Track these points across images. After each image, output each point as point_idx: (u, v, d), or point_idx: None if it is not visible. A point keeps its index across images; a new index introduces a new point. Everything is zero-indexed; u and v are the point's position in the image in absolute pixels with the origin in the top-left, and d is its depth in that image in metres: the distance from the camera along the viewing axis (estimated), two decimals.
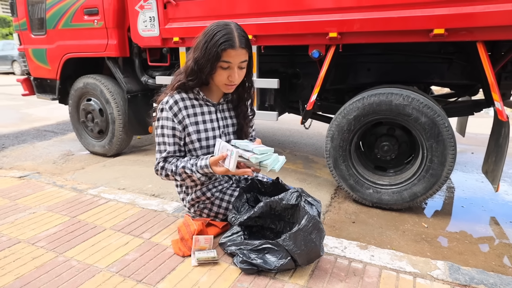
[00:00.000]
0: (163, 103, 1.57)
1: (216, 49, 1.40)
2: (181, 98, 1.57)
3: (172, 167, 1.55)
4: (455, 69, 2.78)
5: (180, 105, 1.56)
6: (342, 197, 2.83)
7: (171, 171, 1.56)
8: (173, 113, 1.55)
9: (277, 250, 1.44)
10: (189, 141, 1.61)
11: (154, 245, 1.66)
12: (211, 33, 1.42)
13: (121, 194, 2.28)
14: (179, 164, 1.54)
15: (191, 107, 1.60)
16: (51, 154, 3.96)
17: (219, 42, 1.39)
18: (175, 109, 1.56)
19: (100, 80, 3.62)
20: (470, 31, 2.13)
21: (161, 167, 1.59)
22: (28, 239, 1.71)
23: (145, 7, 3.11)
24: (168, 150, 1.58)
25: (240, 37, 1.43)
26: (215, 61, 1.43)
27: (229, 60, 1.43)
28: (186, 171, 1.51)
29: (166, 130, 1.57)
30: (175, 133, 1.58)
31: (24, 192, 2.31)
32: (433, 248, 2.14)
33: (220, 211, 1.75)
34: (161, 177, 1.61)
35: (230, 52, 1.41)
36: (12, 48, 14.37)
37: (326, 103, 3.16)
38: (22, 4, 3.87)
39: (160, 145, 1.60)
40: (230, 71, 1.46)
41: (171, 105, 1.55)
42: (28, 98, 4.98)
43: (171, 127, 1.57)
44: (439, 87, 5.63)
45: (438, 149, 2.32)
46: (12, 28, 18.96)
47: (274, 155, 1.44)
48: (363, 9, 2.33)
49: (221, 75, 1.48)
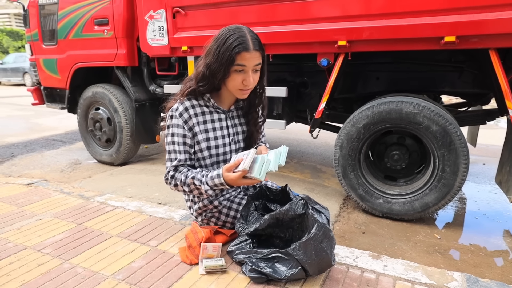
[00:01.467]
0: (172, 110, 1.53)
1: (230, 53, 1.37)
2: (191, 105, 1.54)
3: (182, 177, 1.51)
4: (466, 78, 2.74)
5: (190, 112, 1.53)
6: (351, 207, 2.78)
7: (180, 181, 1.51)
8: (184, 120, 1.52)
9: (287, 259, 1.40)
10: (198, 149, 1.58)
11: (161, 252, 1.63)
12: (223, 37, 1.39)
13: (128, 202, 2.27)
14: (189, 174, 1.50)
15: (201, 114, 1.57)
16: (59, 162, 3.97)
17: (232, 46, 1.36)
18: (185, 116, 1.52)
19: (108, 89, 3.65)
20: (482, 39, 2.10)
21: (171, 176, 1.54)
22: (34, 245, 1.69)
23: (154, 17, 3.15)
24: (179, 159, 1.54)
25: (253, 39, 1.41)
26: (229, 65, 1.39)
27: (244, 63, 1.40)
28: (195, 182, 1.47)
29: (176, 138, 1.53)
30: (185, 141, 1.54)
31: (31, 199, 2.31)
32: (447, 260, 2.08)
33: (228, 220, 1.72)
34: (170, 187, 1.57)
35: (244, 55, 1.38)
36: (24, 60, 14.67)
37: (335, 112, 3.14)
38: (35, 15, 3.96)
39: (170, 153, 1.56)
40: (245, 74, 1.43)
41: (181, 112, 1.52)
42: (38, 108, 5.05)
43: (181, 134, 1.53)
44: (448, 98, 5.60)
45: (450, 158, 2.27)
46: (24, 41, 19.44)
47: (275, 153, 1.42)
48: (372, 17, 2.32)
49: (235, 80, 1.44)
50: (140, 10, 3.22)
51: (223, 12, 2.84)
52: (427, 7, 2.17)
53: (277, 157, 1.40)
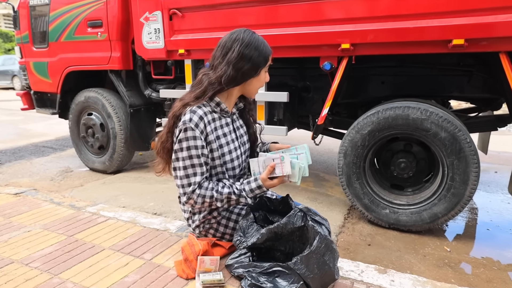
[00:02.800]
0: (186, 123, 1.49)
1: (264, 56, 1.58)
2: (204, 113, 1.55)
3: (213, 193, 1.51)
4: (475, 82, 2.76)
5: (205, 120, 1.54)
6: (356, 218, 2.78)
7: (210, 198, 1.51)
8: (200, 130, 1.51)
9: (288, 274, 1.40)
10: (211, 158, 1.59)
11: (156, 266, 1.63)
12: (251, 42, 1.55)
13: (121, 212, 2.27)
14: (220, 189, 1.53)
15: (212, 122, 1.59)
16: (49, 170, 3.98)
17: (264, 50, 1.58)
18: (201, 126, 1.52)
19: (102, 94, 3.67)
20: (492, 42, 2.12)
21: (197, 195, 1.51)
22: (22, 259, 1.69)
23: (150, 19, 3.19)
24: (202, 172, 1.52)
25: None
26: (263, 66, 1.60)
27: (270, 63, 1.65)
28: (232, 196, 1.53)
29: (194, 151, 1.50)
30: (203, 152, 1.53)
31: (19, 210, 2.31)
32: (458, 274, 2.07)
33: (227, 231, 1.72)
34: (196, 205, 1.55)
35: (270, 56, 1.63)
36: (13, 63, 14.77)
37: (338, 118, 3.15)
38: (25, 17, 3.99)
39: (187, 169, 1.51)
40: (265, 74, 1.67)
41: (196, 123, 1.50)
42: (27, 113, 5.07)
43: (200, 146, 1.51)
44: (457, 103, 5.62)
45: (460, 166, 2.28)
46: (14, 43, 19.57)
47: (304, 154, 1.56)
48: (377, 19, 2.35)
49: (259, 80, 1.64)
50: (135, 12, 3.25)
51: (222, 14, 2.87)
52: (434, 9, 2.19)
53: (306, 159, 1.54)
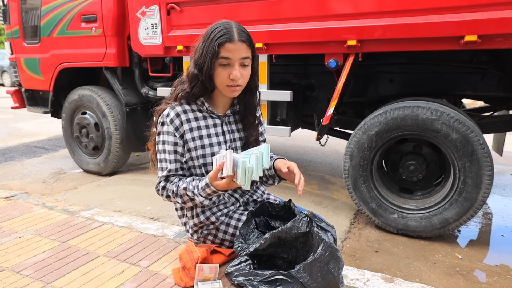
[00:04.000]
0: (163, 116, 1.57)
1: (213, 45, 1.43)
2: (183, 111, 1.58)
3: (174, 188, 1.55)
4: (489, 80, 2.77)
5: (182, 117, 1.57)
6: (362, 223, 2.79)
7: (172, 192, 1.55)
8: (175, 127, 1.56)
9: (290, 282, 1.41)
10: (189, 158, 1.61)
11: (153, 274, 1.64)
12: (208, 31, 1.47)
13: (117, 217, 2.29)
14: (181, 184, 1.53)
15: (194, 120, 1.60)
16: (41, 172, 4.01)
17: (216, 37, 1.43)
18: (176, 123, 1.56)
19: (96, 92, 3.69)
20: (507, 38, 2.13)
21: (162, 187, 1.58)
22: (13, 266, 1.71)
23: (147, 13, 3.20)
24: (170, 168, 1.58)
25: (240, 31, 1.46)
26: (214, 58, 1.44)
27: (228, 55, 1.45)
28: (188, 193, 1.50)
29: (167, 146, 1.58)
30: (176, 149, 1.58)
31: (10, 214, 2.33)
32: (470, 283, 2.08)
33: (226, 238, 1.73)
34: (162, 198, 1.61)
35: (228, 46, 1.43)
36: (2, 57, 14.83)
37: (344, 118, 3.17)
38: (16, 10, 4.02)
39: (161, 162, 1.60)
40: (231, 68, 1.47)
41: (172, 118, 1.56)
42: (18, 111, 5.10)
43: (172, 142, 1.57)
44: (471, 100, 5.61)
45: (472, 169, 2.28)
46: (3, 37, 19.64)
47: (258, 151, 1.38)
48: (386, 15, 2.35)
49: (221, 75, 1.48)
50: (131, 6, 3.27)
51: (222, 9, 2.89)
52: (446, 3, 2.20)
53: (259, 161, 1.37)
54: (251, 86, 1.62)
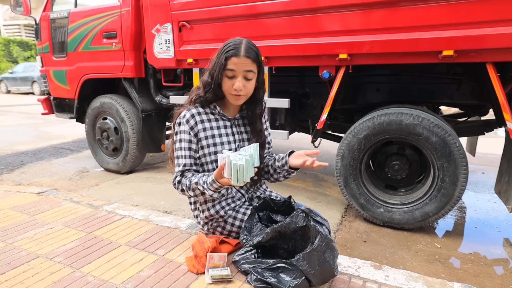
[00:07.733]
0: (180, 117, 1.61)
1: (222, 58, 1.49)
2: (197, 112, 1.62)
3: (187, 182, 1.56)
4: (464, 90, 2.77)
5: (196, 118, 1.61)
6: (352, 216, 2.79)
7: (186, 186, 1.56)
8: (190, 126, 1.59)
9: (291, 270, 1.42)
10: (202, 154, 1.63)
11: (168, 262, 1.65)
12: (223, 46, 1.52)
13: (135, 211, 2.29)
14: (193, 179, 1.54)
15: (207, 121, 1.63)
16: (67, 170, 4.01)
17: (225, 51, 1.49)
18: (191, 122, 1.60)
19: (116, 100, 3.70)
20: (479, 53, 2.14)
21: (177, 181, 1.60)
22: (46, 254, 1.72)
23: (161, 30, 3.21)
24: (185, 163, 1.60)
25: (248, 48, 1.50)
26: (221, 69, 1.49)
27: (233, 67, 1.49)
28: (199, 187, 1.51)
29: (183, 143, 1.60)
30: (191, 146, 1.60)
31: (42, 208, 2.34)
32: (447, 269, 2.08)
33: (233, 229, 1.74)
34: (178, 191, 1.62)
35: (233, 59, 1.48)
36: (33, 70, 14.84)
37: (336, 123, 3.17)
38: (46, 29, 4.03)
39: (178, 159, 1.62)
40: (234, 80, 1.51)
41: (188, 119, 1.60)
42: (47, 117, 5.10)
43: (187, 140, 1.60)
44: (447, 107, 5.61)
45: (449, 168, 2.29)
46: (33, 51, 19.64)
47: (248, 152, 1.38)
48: (373, 32, 2.36)
49: (226, 84, 1.53)
50: (147, 24, 3.28)
51: (227, 26, 2.89)
52: (426, 22, 2.20)
53: (250, 161, 1.37)
54: (255, 97, 1.63)
